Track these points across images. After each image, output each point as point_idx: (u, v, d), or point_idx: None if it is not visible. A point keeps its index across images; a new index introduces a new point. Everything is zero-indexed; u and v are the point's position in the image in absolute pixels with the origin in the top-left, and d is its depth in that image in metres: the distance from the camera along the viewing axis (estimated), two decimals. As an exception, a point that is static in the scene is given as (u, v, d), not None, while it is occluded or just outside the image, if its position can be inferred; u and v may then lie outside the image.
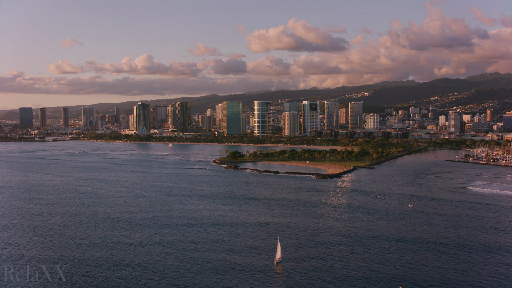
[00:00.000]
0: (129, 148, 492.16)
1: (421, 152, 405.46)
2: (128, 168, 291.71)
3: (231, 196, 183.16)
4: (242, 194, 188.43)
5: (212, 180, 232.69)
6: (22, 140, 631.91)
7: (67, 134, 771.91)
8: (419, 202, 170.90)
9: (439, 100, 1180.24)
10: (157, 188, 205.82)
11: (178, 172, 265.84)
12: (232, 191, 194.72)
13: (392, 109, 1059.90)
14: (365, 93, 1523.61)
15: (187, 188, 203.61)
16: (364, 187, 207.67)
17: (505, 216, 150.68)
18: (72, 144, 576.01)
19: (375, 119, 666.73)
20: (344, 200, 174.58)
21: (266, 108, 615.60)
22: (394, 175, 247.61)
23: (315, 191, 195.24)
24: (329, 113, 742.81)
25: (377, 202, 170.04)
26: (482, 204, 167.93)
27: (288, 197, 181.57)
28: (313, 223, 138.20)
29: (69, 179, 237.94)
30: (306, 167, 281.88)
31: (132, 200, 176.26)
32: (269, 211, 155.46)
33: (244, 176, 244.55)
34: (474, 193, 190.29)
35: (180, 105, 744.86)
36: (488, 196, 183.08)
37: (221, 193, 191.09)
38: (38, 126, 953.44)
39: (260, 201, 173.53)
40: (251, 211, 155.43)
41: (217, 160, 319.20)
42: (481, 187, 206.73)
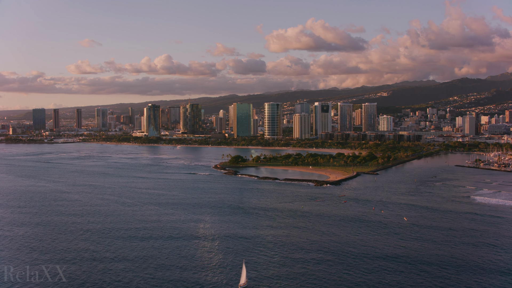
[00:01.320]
0: (136, 151, 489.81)
1: (432, 156, 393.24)
2: (126, 173, 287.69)
3: (219, 206, 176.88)
4: (231, 203, 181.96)
5: (207, 187, 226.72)
6: (31, 142, 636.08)
7: (78, 135, 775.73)
8: (417, 214, 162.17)
9: (458, 100, 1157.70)
10: (145, 196, 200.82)
11: (175, 178, 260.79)
12: (222, 200, 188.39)
13: (409, 110, 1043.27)
14: (383, 93, 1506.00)
15: (177, 197, 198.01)
16: (363, 195, 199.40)
17: (507, 231, 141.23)
18: (80, 146, 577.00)
19: (388, 121, 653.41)
20: (337, 211, 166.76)
21: (277, 110, 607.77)
22: (398, 182, 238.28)
23: (310, 200, 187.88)
24: (342, 114, 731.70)
25: (371, 214, 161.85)
26: (484, 216, 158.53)
27: (279, 207, 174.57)
28: (296, 238, 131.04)
29: (61, 185, 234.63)
30: (309, 173, 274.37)
31: (113, 209, 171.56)
32: (254, 223, 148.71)
33: (241, 183, 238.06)
34: (478, 204, 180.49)
35: (190, 107, 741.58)
36: (492, 207, 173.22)
37: (210, 202, 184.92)
38: (52, 127, 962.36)
39: (248, 211, 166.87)
40: (234, 223, 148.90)
41: (218, 165, 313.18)
42: (487, 196, 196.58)
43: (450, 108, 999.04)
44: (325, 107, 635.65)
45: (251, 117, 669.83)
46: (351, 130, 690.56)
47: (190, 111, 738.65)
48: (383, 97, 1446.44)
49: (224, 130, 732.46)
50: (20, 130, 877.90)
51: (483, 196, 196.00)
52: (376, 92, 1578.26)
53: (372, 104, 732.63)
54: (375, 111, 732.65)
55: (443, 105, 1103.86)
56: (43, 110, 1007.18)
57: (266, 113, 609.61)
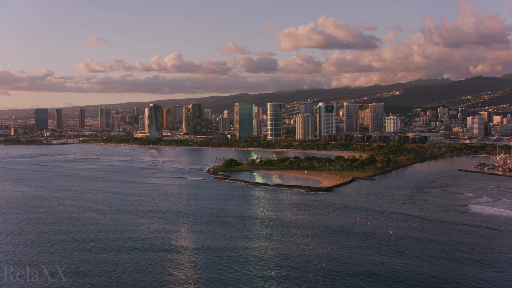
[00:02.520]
0: (133, 153, 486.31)
1: (437, 159, 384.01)
2: (115, 177, 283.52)
3: (198, 214, 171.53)
4: (211, 212, 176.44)
5: (192, 193, 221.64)
6: (30, 143, 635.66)
7: (78, 136, 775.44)
8: (405, 225, 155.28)
9: (471, 99, 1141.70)
10: (125, 203, 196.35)
11: (162, 183, 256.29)
12: (203, 208, 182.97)
13: (420, 110, 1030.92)
14: (396, 92, 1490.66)
15: (157, 204, 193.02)
16: (354, 203, 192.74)
17: (498, 245, 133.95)
18: (79, 148, 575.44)
19: (395, 121, 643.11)
20: (321, 221, 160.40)
21: (279, 110, 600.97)
22: (393, 188, 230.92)
23: (297, 208, 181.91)
24: (348, 114, 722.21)
25: (356, 225, 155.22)
26: (477, 228, 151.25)
27: (262, 216, 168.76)
28: (267, 251, 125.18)
29: (42, 190, 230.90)
30: (303, 178, 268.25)
31: (85, 217, 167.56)
32: (229, 234, 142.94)
33: (229, 189, 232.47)
34: (473, 214, 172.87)
35: (192, 107, 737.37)
36: (488, 218, 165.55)
37: (189, 210, 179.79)
38: (55, 127, 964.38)
39: (227, 221, 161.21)
40: (208, 234, 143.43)
41: (210, 169, 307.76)
42: (485, 205, 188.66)
43: (462, 107, 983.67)
44: (330, 107, 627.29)
45: (253, 118, 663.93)
46: (357, 131, 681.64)
47: (192, 111, 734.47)
48: (395, 96, 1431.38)
49: (226, 131, 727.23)
50: (22, 131, 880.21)
51: (480, 205, 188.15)
52: (388, 91, 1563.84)
53: (379, 104, 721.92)
54: (382, 111, 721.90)
55: (456, 104, 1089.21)
56: (45, 110, 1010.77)
57: (269, 113, 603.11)
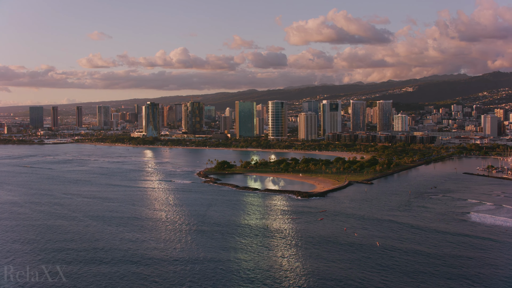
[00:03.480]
0: (126, 154, 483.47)
1: (443, 160, 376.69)
2: (100, 180, 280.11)
3: (176, 222, 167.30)
4: (190, 219, 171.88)
5: (177, 198, 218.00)
6: (21, 143, 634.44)
7: (73, 135, 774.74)
8: (395, 236, 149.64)
9: (488, 96, 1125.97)
10: (99, 208, 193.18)
11: (148, 187, 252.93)
12: (183, 216, 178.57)
13: (433, 107, 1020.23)
14: (409, 89, 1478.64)
15: (134, 211, 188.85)
16: (345, 210, 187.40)
17: (495, 259, 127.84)
18: (71, 148, 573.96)
19: (403, 120, 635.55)
20: (306, 231, 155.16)
21: (281, 108, 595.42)
22: (391, 193, 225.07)
23: (285, 216, 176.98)
24: (355, 113, 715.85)
25: (342, 236, 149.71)
26: (474, 239, 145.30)
27: (244, 224, 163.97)
28: (240, 265, 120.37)
29: (17, 194, 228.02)
30: (298, 182, 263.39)
31: (49, 225, 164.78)
32: (203, 244, 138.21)
33: (216, 194, 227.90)
34: (472, 223, 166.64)
35: (191, 105, 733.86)
36: (487, 228, 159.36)
37: (167, 217, 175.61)
38: (51, 125, 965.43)
39: (204, 229, 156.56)
40: (179, 243, 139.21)
41: (201, 171, 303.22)
42: (486, 212, 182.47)
43: (478, 104, 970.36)
44: (334, 105, 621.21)
45: (254, 116, 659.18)
46: (364, 130, 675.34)
47: (191, 109, 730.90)
48: (408, 93, 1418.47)
49: (227, 130, 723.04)
50: (16, 129, 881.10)
51: (481, 213, 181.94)
52: (401, 87, 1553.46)
53: (387, 101, 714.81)
54: (391, 109, 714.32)
55: (472, 101, 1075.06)
56: (40, 108, 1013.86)
57: (270, 112, 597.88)
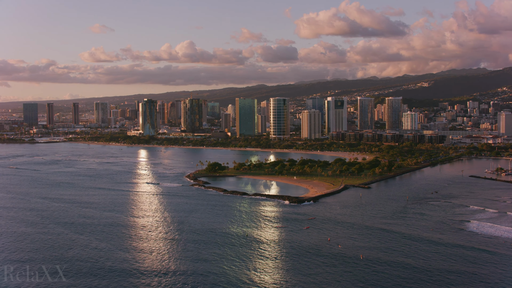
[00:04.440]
0: (119, 154, 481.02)
1: (451, 162, 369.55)
2: (85, 183, 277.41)
3: (149, 229, 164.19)
4: (166, 226, 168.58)
5: (159, 202, 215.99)
6: (11, 142, 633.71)
7: (67, 134, 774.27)
8: (384, 246, 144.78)
9: (507, 91, 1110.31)
10: (75, 214, 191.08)
11: (133, 191, 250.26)
12: (160, 222, 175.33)
13: (447, 103, 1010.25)
14: (424, 84, 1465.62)
15: (111, 217, 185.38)
16: (336, 217, 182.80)
17: (488, 275, 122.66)
18: (63, 147, 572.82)
19: (413, 117, 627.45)
20: (287, 241, 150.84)
21: (283, 105, 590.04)
22: (387, 199, 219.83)
23: (270, 223, 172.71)
24: (362, 110, 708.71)
25: (325, 247, 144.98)
26: (470, 250, 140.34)
27: (223, 232, 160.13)
28: (206, 279, 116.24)
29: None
30: (291, 185, 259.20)
31: (12, 233, 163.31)
32: (171, 254, 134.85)
33: (202, 198, 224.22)
34: (469, 233, 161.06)
35: (190, 102, 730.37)
36: (484, 239, 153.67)
37: (142, 224, 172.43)
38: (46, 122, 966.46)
39: (176, 238, 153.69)
40: (146, 253, 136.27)
41: (191, 174, 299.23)
42: (487, 221, 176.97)
43: (496, 100, 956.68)
44: (340, 102, 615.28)
45: (255, 113, 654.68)
46: (372, 128, 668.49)
47: (189, 106, 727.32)
48: (423, 88, 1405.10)
49: (227, 129, 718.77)
50: (8, 127, 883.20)
51: (482, 221, 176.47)
52: (417, 82, 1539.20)
53: (396, 98, 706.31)
54: (400, 106, 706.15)
55: (490, 97, 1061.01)
56: (35, 104, 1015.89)
57: (272, 109, 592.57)
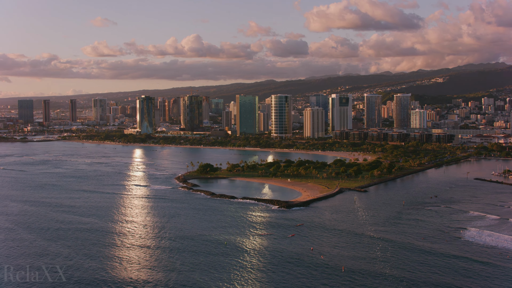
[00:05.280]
0: (112, 153, 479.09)
1: (458, 163, 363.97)
2: (70, 185, 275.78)
3: (124, 234, 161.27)
4: (145, 233, 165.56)
5: (143, 206, 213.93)
6: (2, 140, 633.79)
7: (62, 132, 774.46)
8: (369, 255, 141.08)
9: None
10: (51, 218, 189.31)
11: (119, 193, 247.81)
12: (136, 228, 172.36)
13: (461, 100, 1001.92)
14: (439, 79, 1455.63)
15: (88, 222, 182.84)
16: (325, 224, 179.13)
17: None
18: (56, 146, 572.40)
19: (421, 115, 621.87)
20: (269, 250, 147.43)
21: (285, 103, 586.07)
22: (382, 204, 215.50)
23: (253, 231, 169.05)
24: (369, 107, 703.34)
25: (307, 256, 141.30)
26: (462, 261, 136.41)
27: (201, 240, 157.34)
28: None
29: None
30: (284, 188, 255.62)
31: None
32: (144, 265, 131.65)
33: (188, 202, 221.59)
34: (465, 242, 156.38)
35: (189, 99, 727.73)
36: (479, 248, 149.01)
37: (118, 229, 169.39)
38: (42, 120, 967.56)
39: (149, 245, 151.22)
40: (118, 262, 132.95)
41: (181, 175, 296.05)
42: (485, 228, 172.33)
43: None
44: (344, 99, 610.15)
45: (256, 111, 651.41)
46: (379, 126, 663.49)
47: (188, 104, 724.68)
48: (437, 84, 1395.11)
49: (228, 127, 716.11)
50: (2, 125, 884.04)
51: (480, 228, 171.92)
52: (431, 77, 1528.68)
53: (405, 95, 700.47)
54: (409, 103, 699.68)
55: (507, 93, 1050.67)
56: (30, 101, 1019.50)
57: (273, 106, 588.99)
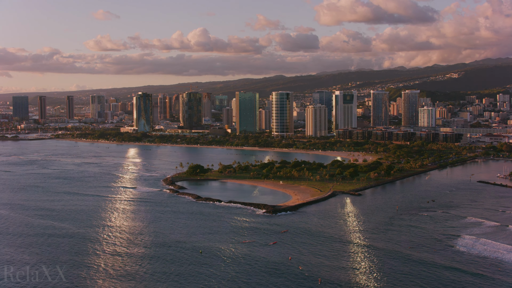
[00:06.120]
0: (104, 153, 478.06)
1: (464, 164, 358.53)
2: (52, 187, 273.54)
3: (100, 242, 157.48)
4: (119, 240, 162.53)
5: (125, 210, 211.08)
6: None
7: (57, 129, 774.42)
8: (350, 265, 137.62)
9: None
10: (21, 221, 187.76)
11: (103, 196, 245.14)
12: (113, 234, 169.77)
13: (475, 97, 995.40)
14: (454, 75, 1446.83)
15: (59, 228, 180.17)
16: (311, 230, 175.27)
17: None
18: (47, 145, 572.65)
19: (429, 113, 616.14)
20: (245, 259, 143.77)
21: (286, 100, 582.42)
22: (375, 208, 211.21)
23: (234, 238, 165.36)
24: (376, 104, 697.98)
25: (284, 266, 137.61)
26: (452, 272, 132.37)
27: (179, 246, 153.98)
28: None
29: None
30: (275, 191, 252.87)
31: None
32: (109, 275, 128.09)
33: (172, 205, 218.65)
34: (455, 251, 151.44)
35: (187, 95, 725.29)
36: (469, 259, 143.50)
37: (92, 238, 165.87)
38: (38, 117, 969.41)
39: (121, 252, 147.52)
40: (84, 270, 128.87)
41: (169, 177, 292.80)
42: (481, 236, 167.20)
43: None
44: (349, 96, 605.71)
45: (257, 108, 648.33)
46: (386, 125, 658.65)
47: (187, 100, 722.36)
48: (452, 79, 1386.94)
49: (227, 125, 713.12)
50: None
51: (475, 236, 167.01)
52: (445, 73, 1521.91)
53: (413, 92, 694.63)
54: (417, 100, 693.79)
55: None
56: (25, 97, 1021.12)
57: (274, 104, 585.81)
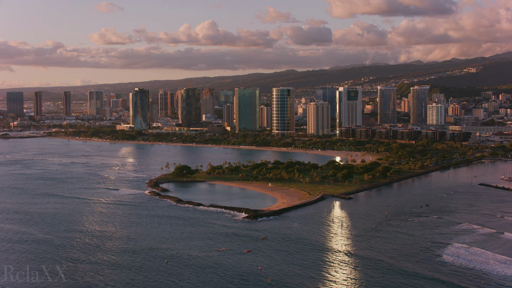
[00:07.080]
0: (95, 152, 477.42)
1: (469, 165, 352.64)
2: (32, 188, 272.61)
3: (64, 248, 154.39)
4: (85, 246, 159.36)
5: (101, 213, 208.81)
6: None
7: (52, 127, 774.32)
8: (322, 277, 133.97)
9: None
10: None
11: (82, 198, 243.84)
12: (82, 240, 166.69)
13: (491, 93, 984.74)
14: (471, 69, 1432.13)
15: (27, 234, 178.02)
16: (291, 237, 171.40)
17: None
18: (37, 143, 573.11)
19: (438, 110, 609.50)
20: (213, 269, 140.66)
21: (287, 96, 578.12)
22: (364, 213, 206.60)
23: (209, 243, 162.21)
24: (383, 101, 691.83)
25: (253, 278, 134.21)
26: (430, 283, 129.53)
27: (147, 253, 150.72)
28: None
29: None
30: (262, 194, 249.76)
31: None
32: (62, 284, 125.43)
33: (150, 209, 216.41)
34: (440, 262, 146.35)
35: (185, 92, 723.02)
36: (453, 270, 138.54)
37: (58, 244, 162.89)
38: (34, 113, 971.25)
39: (79, 258, 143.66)
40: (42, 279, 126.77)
41: (153, 179, 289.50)
42: (472, 244, 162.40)
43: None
44: (353, 93, 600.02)
45: (257, 106, 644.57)
46: (394, 122, 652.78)
47: (185, 97, 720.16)
48: (469, 74, 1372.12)
49: (227, 122, 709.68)
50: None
51: (466, 244, 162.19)
52: (463, 67, 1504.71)
53: (423, 88, 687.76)
54: (427, 97, 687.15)
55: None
56: (20, 93, 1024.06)
57: (274, 101, 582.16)
